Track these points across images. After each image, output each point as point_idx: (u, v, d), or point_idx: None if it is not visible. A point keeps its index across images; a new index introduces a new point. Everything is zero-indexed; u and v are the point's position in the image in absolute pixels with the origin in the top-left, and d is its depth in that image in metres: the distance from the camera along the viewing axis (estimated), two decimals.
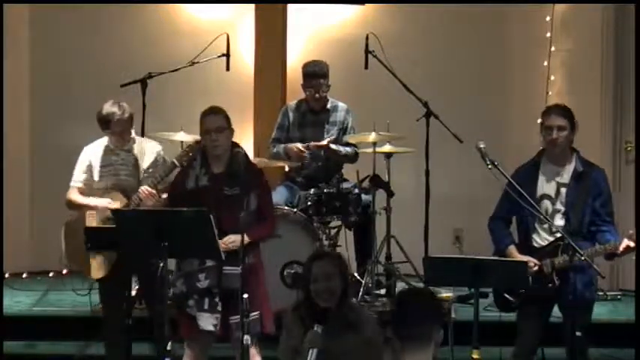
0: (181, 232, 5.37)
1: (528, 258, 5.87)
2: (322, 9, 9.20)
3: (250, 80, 8.92)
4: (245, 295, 5.20)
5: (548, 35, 8.84)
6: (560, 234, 5.85)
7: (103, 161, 6.41)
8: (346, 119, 7.80)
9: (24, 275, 8.92)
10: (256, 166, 6.35)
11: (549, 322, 6.04)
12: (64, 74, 9.09)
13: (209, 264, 5.82)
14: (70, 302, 7.47)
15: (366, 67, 7.73)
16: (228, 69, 7.97)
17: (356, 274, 7.53)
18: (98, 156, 6.43)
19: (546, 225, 5.93)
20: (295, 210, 7.31)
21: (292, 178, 7.84)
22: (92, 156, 6.44)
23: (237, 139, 6.14)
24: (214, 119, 5.98)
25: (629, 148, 8.47)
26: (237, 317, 5.72)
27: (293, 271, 7.05)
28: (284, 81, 8.91)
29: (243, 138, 8.45)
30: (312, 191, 7.42)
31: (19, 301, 7.92)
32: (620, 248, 5.76)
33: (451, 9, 8.95)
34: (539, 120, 6.07)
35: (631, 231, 5.79)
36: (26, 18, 9.16)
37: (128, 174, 6.39)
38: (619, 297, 8.17)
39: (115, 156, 6.41)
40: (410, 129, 7.64)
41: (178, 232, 5.37)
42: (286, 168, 7.86)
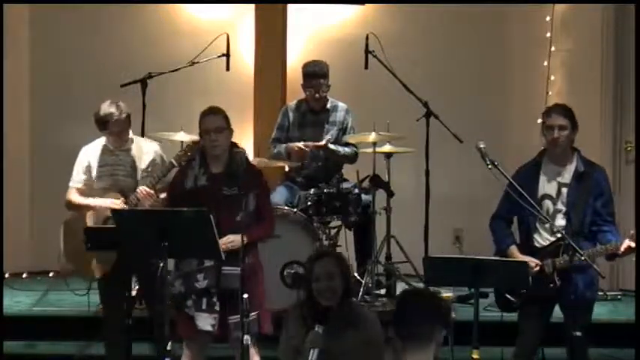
0: (182, 232, 5.37)
1: (529, 258, 5.87)
2: (322, 9, 9.20)
3: (250, 80, 8.92)
4: (245, 295, 5.20)
5: (548, 35, 8.84)
6: (561, 234, 5.86)
7: (101, 161, 6.40)
8: (346, 119, 7.80)
9: (24, 275, 8.92)
10: (255, 167, 6.35)
11: (549, 322, 6.04)
12: (64, 74, 9.09)
13: (207, 264, 5.81)
14: (70, 302, 7.47)
15: (366, 67, 7.72)
16: (228, 69, 7.97)
17: (356, 274, 7.53)
18: (96, 156, 6.41)
19: (548, 225, 5.93)
20: (295, 210, 7.31)
21: (292, 178, 7.84)
22: (90, 156, 6.43)
23: (237, 139, 6.13)
24: (213, 119, 5.98)
25: (629, 148, 8.47)
26: (235, 317, 5.73)
27: (293, 271, 7.05)
28: (284, 81, 8.91)
29: (243, 138, 8.45)
30: (312, 191, 7.42)
31: (19, 301, 7.92)
32: (621, 249, 5.75)
33: (451, 9, 8.95)
34: (539, 120, 6.07)
35: (632, 231, 5.79)
36: (26, 18, 9.16)
37: (126, 174, 6.38)
38: (619, 297, 8.17)
39: (113, 156, 6.40)
40: (410, 129, 7.64)
41: (179, 232, 5.36)
42: (286, 168, 7.86)
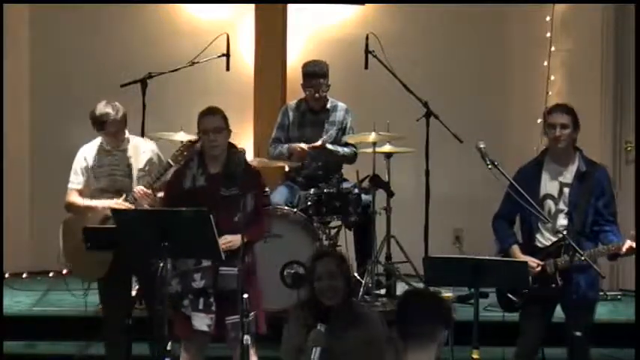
0: (181, 232, 5.37)
1: (530, 258, 5.86)
2: (322, 9, 9.20)
3: (250, 80, 8.92)
4: (245, 295, 5.20)
5: (548, 35, 8.83)
6: (561, 234, 5.85)
7: (98, 162, 6.38)
8: (345, 119, 7.80)
9: (24, 275, 8.92)
10: (253, 167, 6.35)
11: (550, 322, 6.04)
12: (64, 74, 9.08)
13: (205, 264, 5.81)
14: (70, 302, 7.46)
15: (366, 67, 7.72)
16: (228, 69, 7.97)
17: (356, 274, 7.53)
18: (94, 157, 6.40)
19: (549, 225, 5.93)
20: (295, 210, 7.31)
21: (292, 178, 7.83)
22: (88, 157, 6.41)
23: (237, 139, 6.13)
24: (212, 119, 5.98)
25: (629, 148, 8.47)
26: (233, 317, 5.72)
27: (293, 271, 7.04)
28: (284, 81, 8.90)
29: (243, 138, 8.45)
30: (312, 191, 7.42)
31: (19, 301, 7.92)
32: (623, 249, 5.75)
33: (451, 9, 8.95)
34: (539, 120, 6.08)
35: (632, 232, 5.79)
36: (26, 18, 9.16)
37: (123, 174, 6.36)
38: (619, 297, 8.17)
39: (110, 156, 6.39)
40: (410, 129, 7.64)
41: (178, 232, 5.36)
42: (286, 168, 7.86)
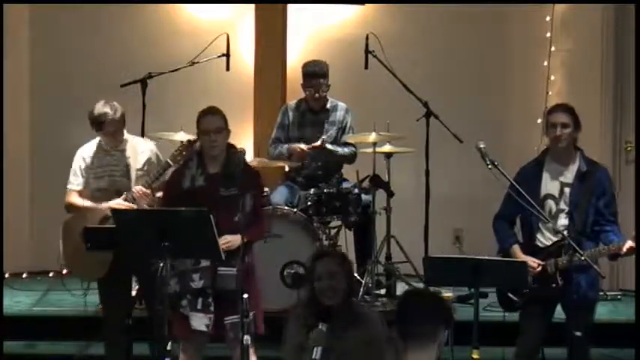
0: (181, 232, 5.37)
1: (530, 258, 5.86)
2: (322, 9, 9.19)
3: (250, 80, 8.92)
4: (245, 295, 5.20)
5: (548, 35, 8.83)
6: (561, 234, 5.86)
7: (97, 162, 6.37)
8: (345, 119, 7.80)
9: (24, 275, 8.92)
10: (252, 168, 6.35)
11: (551, 322, 6.04)
12: (64, 74, 9.08)
13: (204, 264, 5.80)
14: (70, 302, 7.46)
15: (366, 67, 7.73)
16: (228, 69, 7.97)
17: (356, 274, 7.52)
18: (93, 157, 6.40)
19: (550, 225, 5.93)
20: (295, 210, 7.31)
21: (292, 178, 7.83)
22: (86, 157, 6.40)
23: (237, 139, 6.13)
24: (213, 120, 5.97)
25: (629, 148, 8.47)
26: (232, 318, 5.73)
27: (293, 271, 7.04)
28: (284, 81, 8.90)
29: (243, 138, 8.45)
30: (312, 191, 7.42)
31: (19, 301, 7.92)
32: (623, 249, 5.75)
33: (451, 9, 8.94)
34: (539, 120, 6.08)
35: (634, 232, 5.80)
36: (26, 18, 9.15)
37: (122, 174, 6.35)
38: (619, 297, 8.16)
39: (109, 157, 6.38)
40: (410, 129, 7.64)
41: (178, 232, 5.36)
42: (286, 168, 7.86)
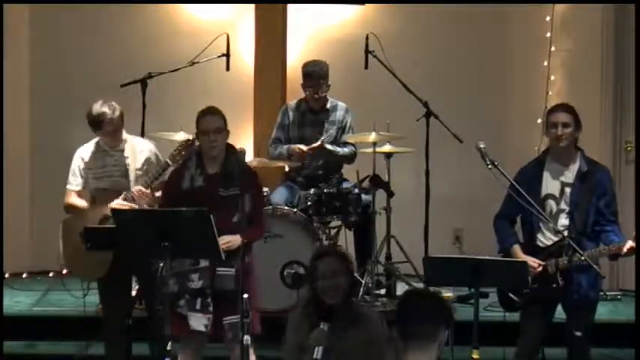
0: (182, 232, 5.37)
1: (531, 258, 5.86)
2: (322, 9, 9.19)
3: (250, 80, 8.91)
4: (245, 295, 5.19)
5: (548, 35, 8.83)
6: (561, 234, 5.86)
7: (96, 162, 6.36)
8: (345, 118, 7.80)
9: (24, 275, 8.91)
10: (250, 168, 6.34)
11: (551, 322, 6.04)
12: (64, 74, 9.07)
13: (202, 264, 5.80)
14: (70, 302, 7.45)
15: (366, 67, 7.73)
16: (228, 69, 7.96)
17: (356, 274, 7.52)
18: (92, 158, 6.38)
19: (551, 225, 5.93)
20: (295, 210, 7.31)
21: (292, 178, 7.84)
22: (86, 158, 6.39)
23: (237, 139, 6.14)
24: (213, 120, 5.97)
25: (629, 148, 8.47)
26: (231, 318, 5.73)
27: (293, 271, 7.04)
28: (284, 81, 8.90)
29: (243, 138, 8.46)
30: (312, 191, 7.42)
31: (19, 301, 7.92)
32: (624, 249, 5.75)
33: (451, 9, 8.94)
34: (539, 120, 6.08)
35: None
36: (26, 18, 9.15)
37: (121, 174, 6.35)
38: (619, 297, 8.16)
39: (108, 157, 6.37)
40: (410, 129, 7.64)
41: (178, 232, 5.36)
42: (286, 168, 7.86)
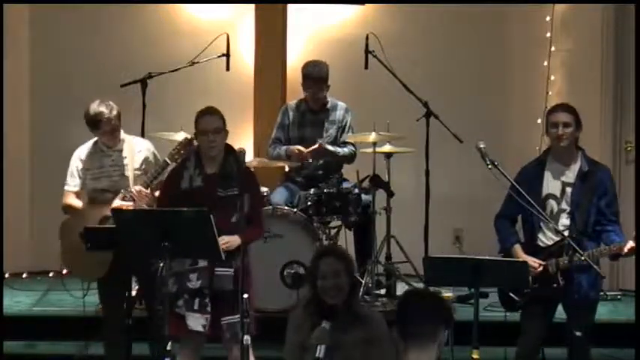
0: (181, 233, 5.36)
1: (531, 258, 5.86)
2: (322, 9, 9.19)
3: (250, 80, 8.92)
4: (245, 295, 5.19)
5: (548, 35, 8.83)
6: (561, 234, 5.86)
7: (95, 163, 6.35)
8: (345, 118, 7.80)
9: (24, 275, 8.91)
10: (249, 168, 6.34)
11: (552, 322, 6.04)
12: (64, 74, 9.07)
13: (201, 264, 5.80)
14: (70, 302, 7.45)
15: (366, 67, 7.72)
16: (228, 69, 7.96)
17: (356, 274, 7.52)
18: (91, 158, 6.37)
19: (552, 224, 5.93)
20: (295, 210, 7.31)
21: (292, 178, 7.84)
22: (85, 158, 6.38)
23: (237, 139, 6.14)
24: (212, 120, 5.96)
25: (629, 148, 8.47)
26: (229, 318, 5.73)
27: (293, 271, 7.04)
28: (284, 81, 8.90)
29: (243, 138, 8.46)
30: (312, 191, 7.42)
31: (19, 301, 7.92)
32: (624, 249, 5.75)
33: (451, 9, 8.94)
34: (539, 120, 6.08)
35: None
36: (26, 18, 9.15)
37: (120, 174, 6.34)
38: (619, 297, 8.16)
39: (107, 157, 6.36)
40: (410, 129, 7.64)
41: (178, 232, 5.36)
42: (286, 168, 7.86)
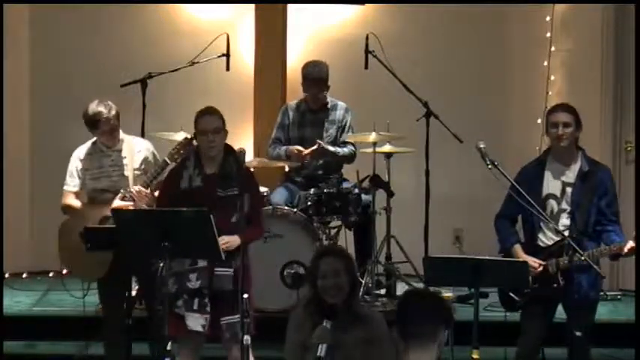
0: (181, 233, 5.36)
1: (531, 258, 5.86)
2: (322, 9, 9.19)
3: (250, 80, 8.91)
4: (246, 296, 5.19)
5: (548, 35, 8.83)
6: (561, 234, 5.86)
7: (94, 163, 6.35)
8: (345, 117, 7.80)
9: (24, 275, 8.91)
10: (248, 169, 6.34)
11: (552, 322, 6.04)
12: (64, 74, 9.07)
13: (201, 264, 5.80)
14: (70, 302, 7.45)
15: (366, 67, 7.73)
16: (228, 69, 7.96)
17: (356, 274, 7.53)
18: (90, 158, 6.37)
19: (552, 224, 5.93)
20: (295, 210, 7.31)
21: (292, 178, 7.84)
22: (84, 159, 6.38)
23: (237, 139, 6.13)
24: (211, 120, 5.96)
25: (629, 148, 8.47)
26: (229, 318, 5.73)
27: (293, 271, 7.04)
28: (284, 81, 8.90)
29: (243, 138, 8.46)
30: (312, 191, 7.42)
31: (19, 301, 7.92)
32: (625, 249, 5.76)
33: (451, 9, 8.94)
34: (539, 120, 6.07)
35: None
36: (26, 18, 9.15)
37: (119, 174, 6.33)
38: (619, 297, 8.16)
39: (106, 157, 6.35)
40: (410, 129, 7.64)
41: (178, 232, 5.36)
42: (286, 168, 7.87)
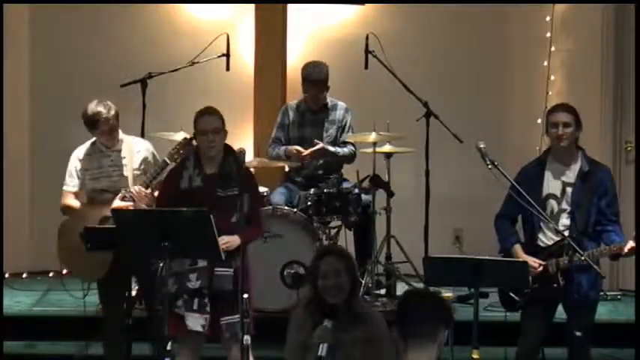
0: (181, 233, 5.37)
1: (531, 258, 5.86)
2: (322, 9, 9.19)
3: (250, 80, 8.91)
4: (246, 296, 5.19)
5: (548, 35, 8.83)
6: (561, 234, 5.86)
7: (93, 163, 6.35)
8: (345, 117, 7.80)
9: (24, 275, 8.91)
10: (248, 169, 6.34)
11: (552, 322, 6.04)
12: (64, 74, 9.07)
13: (201, 264, 5.80)
14: (70, 302, 7.45)
15: (366, 67, 7.73)
16: (228, 69, 7.96)
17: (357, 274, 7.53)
18: (88, 159, 6.37)
19: (552, 224, 5.93)
20: (295, 210, 7.31)
21: (292, 178, 7.84)
22: (82, 159, 6.38)
23: (237, 139, 6.13)
24: (211, 120, 5.96)
25: (629, 148, 8.47)
26: (228, 318, 5.73)
27: (293, 271, 7.04)
28: (284, 81, 8.90)
29: (243, 138, 8.45)
30: (312, 191, 7.42)
31: (19, 301, 7.92)
32: (625, 249, 5.76)
33: (451, 9, 8.94)
34: (539, 120, 6.07)
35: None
36: (26, 18, 9.15)
37: (119, 175, 6.33)
38: (619, 297, 8.16)
39: (105, 157, 6.35)
40: (410, 129, 7.64)
41: (178, 232, 5.36)
42: (286, 168, 7.87)
